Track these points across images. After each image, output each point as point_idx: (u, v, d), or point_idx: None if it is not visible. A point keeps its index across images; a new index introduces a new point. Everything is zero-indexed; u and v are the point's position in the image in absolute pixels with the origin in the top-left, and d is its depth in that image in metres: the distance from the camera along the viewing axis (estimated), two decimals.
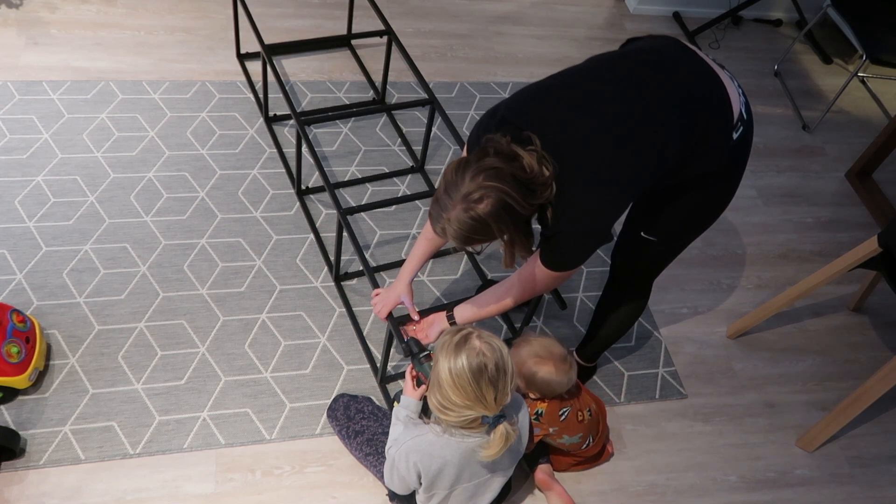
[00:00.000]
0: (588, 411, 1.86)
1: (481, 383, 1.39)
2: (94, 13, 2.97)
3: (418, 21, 3.30)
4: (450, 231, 1.39)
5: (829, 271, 2.09)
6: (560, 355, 1.73)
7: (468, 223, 1.36)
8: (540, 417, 1.79)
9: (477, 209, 1.35)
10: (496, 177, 1.34)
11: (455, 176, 1.37)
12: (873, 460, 2.19)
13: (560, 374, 1.72)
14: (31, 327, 1.93)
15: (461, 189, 1.36)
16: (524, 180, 1.36)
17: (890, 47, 2.96)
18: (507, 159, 1.36)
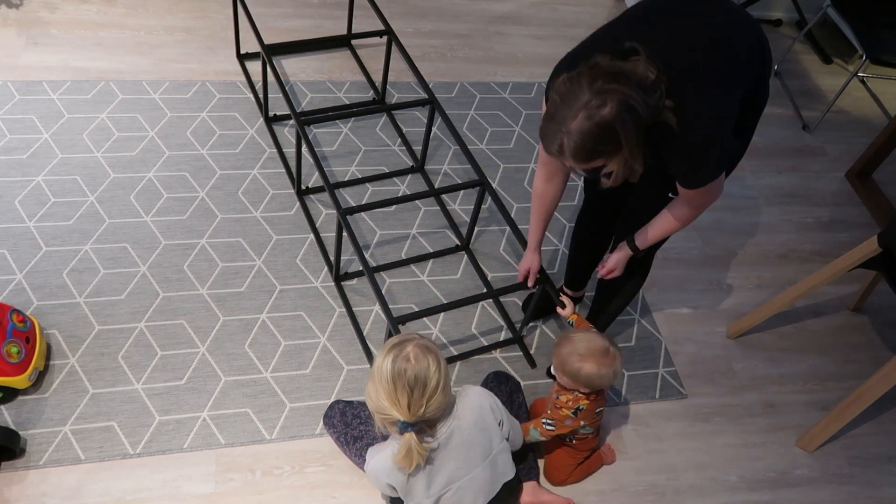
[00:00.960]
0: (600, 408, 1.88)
1: (397, 385, 1.47)
2: (94, 13, 2.97)
3: (418, 21, 3.30)
4: (570, 146, 1.35)
5: (829, 271, 2.09)
6: (601, 350, 1.72)
7: (593, 131, 1.32)
8: (579, 412, 1.79)
9: (601, 113, 1.31)
10: (615, 79, 1.31)
11: (571, 86, 1.34)
12: (873, 460, 2.19)
13: (604, 368, 1.71)
14: (31, 327, 1.93)
15: (580, 97, 1.32)
16: (638, 80, 1.34)
17: (890, 47, 2.96)
18: (617, 65, 1.34)
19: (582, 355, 1.72)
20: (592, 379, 1.73)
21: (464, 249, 2.45)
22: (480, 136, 2.84)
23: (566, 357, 1.74)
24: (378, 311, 2.25)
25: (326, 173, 2.22)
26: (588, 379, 1.73)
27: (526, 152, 2.82)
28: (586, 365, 1.71)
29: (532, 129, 2.91)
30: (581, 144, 1.34)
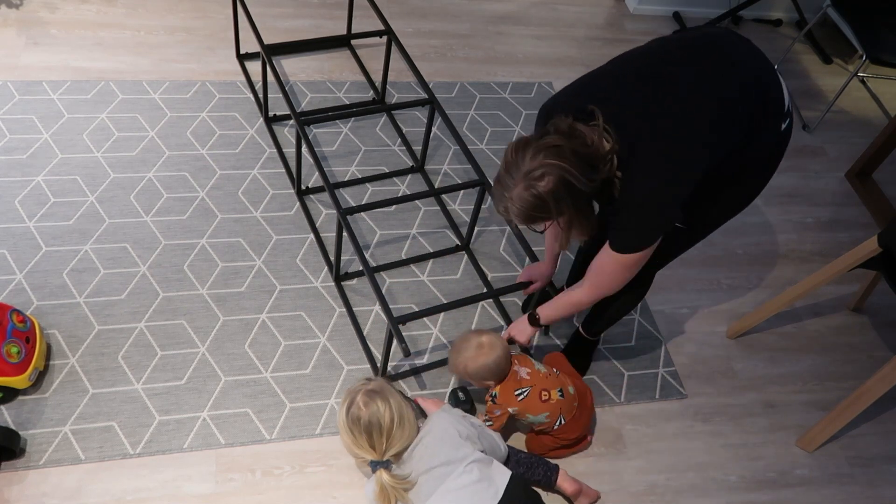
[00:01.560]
0: (559, 391, 1.89)
1: (355, 432, 1.69)
2: (94, 13, 2.97)
3: (418, 21, 3.30)
4: (512, 210, 1.44)
5: (829, 271, 2.09)
6: (475, 346, 1.85)
7: (530, 201, 1.40)
8: (495, 399, 1.88)
9: (538, 187, 1.38)
10: (556, 154, 1.37)
11: (515, 156, 1.41)
12: (873, 460, 2.19)
13: (482, 359, 1.84)
14: (31, 327, 1.93)
15: (522, 168, 1.39)
16: (585, 156, 1.38)
17: (890, 47, 2.96)
18: (567, 136, 1.38)
19: (461, 358, 1.87)
20: (480, 372, 1.86)
21: (464, 249, 2.45)
22: (480, 136, 2.84)
23: (453, 362, 1.91)
24: (378, 311, 2.25)
25: (326, 173, 2.22)
26: (477, 373, 1.86)
27: None
28: (467, 363, 1.86)
29: (532, 130, 2.91)
30: (521, 211, 1.43)
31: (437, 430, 1.74)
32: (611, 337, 2.32)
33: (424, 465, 1.69)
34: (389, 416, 1.68)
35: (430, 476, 1.68)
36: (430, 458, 1.69)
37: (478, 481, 1.68)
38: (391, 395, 1.73)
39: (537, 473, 1.87)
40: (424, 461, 1.69)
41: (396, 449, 1.70)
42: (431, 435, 1.73)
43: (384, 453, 1.68)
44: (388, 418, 1.68)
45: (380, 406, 1.69)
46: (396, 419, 1.69)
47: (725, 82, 1.44)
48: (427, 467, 1.68)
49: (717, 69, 1.45)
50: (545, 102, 1.57)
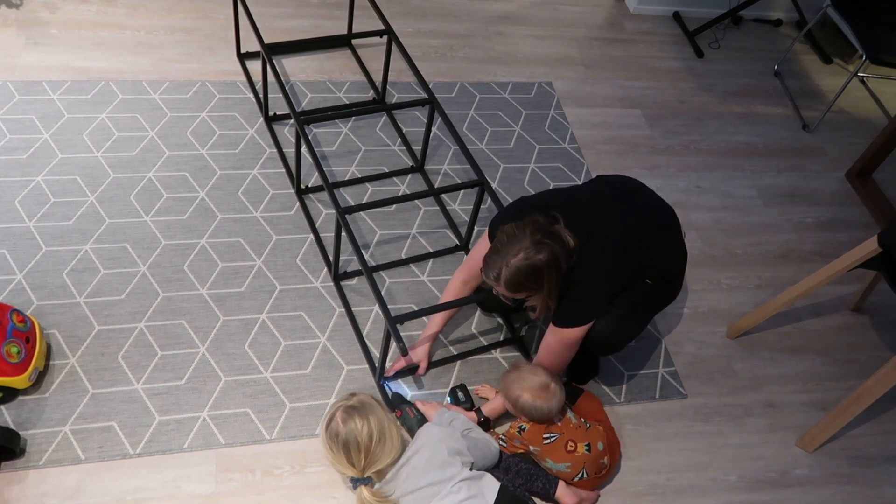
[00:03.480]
0: (586, 446, 1.86)
1: (333, 448, 1.71)
2: (94, 13, 2.97)
3: (418, 21, 3.30)
4: (505, 275, 1.67)
5: (829, 271, 2.09)
6: (540, 385, 1.84)
7: (525, 270, 1.65)
8: (523, 432, 1.86)
9: (536, 257, 1.65)
10: (550, 237, 1.68)
11: (517, 232, 1.68)
12: (873, 460, 2.19)
13: (539, 402, 1.83)
14: (31, 327, 1.93)
15: (522, 242, 1.66)
16: (563, 242, 1.69)
17: (890, 47, 2.96)
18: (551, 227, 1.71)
19: (523, 386, 1.85)
20: (528, 409, 1.84)
21: (463, 249, 2.45)
22: (480, 136, 2.85)
23: (510, 384, 1.87)
24: (378, 310, 2.25)
25: (326, 173, 2.22)
26: (524, 408, 1.84)
27: (526, 152, 2.82)
28: (524, 395, 1.84)
29: (532, 130, 2.91)
30: (514, 277, 1.67)
31: (424, 450, 1.73)
32: None
33: (411, 486, 1.68)
34: (367, 434, 1.68)
35: (416, 496, 1.67)
36: (417, 479, 1.68)
37: (465, 499, 1.67)
38: (372, 412, 1.72)
39: (536, 485, 1.85)
40: (411, 481, 1.69)
41: (377, 466, 1.70)
42: (419, 455, 1.72)
43: (363, 470, 1.69)
44: (367, 435, 1.68)
45: (357, 423, 1.69)
46: (376, 437, 1.69)
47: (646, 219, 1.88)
48: (414, 487, 1.68)
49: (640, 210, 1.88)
50: (514, 202, 1.92)
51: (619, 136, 2.99)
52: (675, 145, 3.03)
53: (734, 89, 3.36)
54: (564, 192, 1.91)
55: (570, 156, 2.85)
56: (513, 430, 1.89)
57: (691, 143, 3.06)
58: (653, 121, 3.11)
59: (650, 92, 3.24)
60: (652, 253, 1.87)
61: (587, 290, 1.80)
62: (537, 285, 1.70)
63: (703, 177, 2.93)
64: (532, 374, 1.86)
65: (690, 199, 2.83)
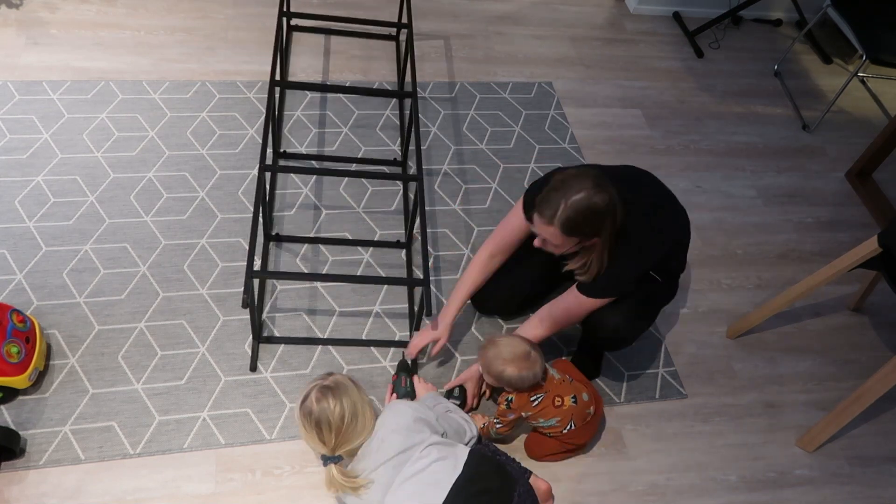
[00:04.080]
0: (573, 398, 1.88)
1: (306, 425, 1.71)
2: (94, 13, 2.97)
3: (418, 21, 3.30)
4: (561, 215, 1.62)
5: (829, 271, 2.09)
6: (522, 354, 1.83)
7: (584, 209, 1.61)
8: (510, 404, 1.87)
9: (598, 198, 1.61)
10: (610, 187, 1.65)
11: (578, 174, 1.64)
12: (873, 460, 2.19)
13: (524, 371, 1.83)
14: (31, 327, 1.93)
15: (586, 182, 1.62)
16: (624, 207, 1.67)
17: (890, 47, 2.96)
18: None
19: (505, 359, 1.83)
20: (514, 381, 1.84)
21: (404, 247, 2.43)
22: (480, 136, 2.85)
23: (491, 360, 1.86)
24: (378, 310, 2.25)
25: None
26: (510, 381, 1.85)
27: (526, 152, 2.82)
28: (508, 368, 1.83)
29: (532, 130, 2.91)
30: (573, 217, 1.62)
31: (390, 421, 1.73)
32: None
33: (381, 458, 1.67)
34: (339, 414, 1.68)
35: (387, 467, 1.66)
36: (387, 450, 1.68)
37: (436, 460, 1.66)
38: (346, 393, 1.72)
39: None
40: (381, 453, 1.68)
41: (348, 446, 1.70)
42: (385, 427, 1.72)
43: (334, 449, 1.69)
44: (339, 416, 1.68)
45: (331, 403, 1.69)
46: (348, 417, 1.69)
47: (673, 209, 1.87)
48: (384, 459, 1.67)
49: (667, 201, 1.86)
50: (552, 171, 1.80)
51: (619, 136, 2.99)
52: (675, 145, 3.03)
53: (734, 89, 3.36)
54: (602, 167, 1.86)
55: (570, 156, 2.85)
56: (501, 407, 1.88)
57: (691, 143, 3.06)
58: (653, 121, 3.11)
59: (650, 92, 3.24)
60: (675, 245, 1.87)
61: (625, 264, 1.77)
62: (593, 231, 1.66)
63: (703, 177, 2.93)
64: (511, 347, 1.84)
65: (690, 199, 2.83)
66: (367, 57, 3.04)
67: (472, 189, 2.64)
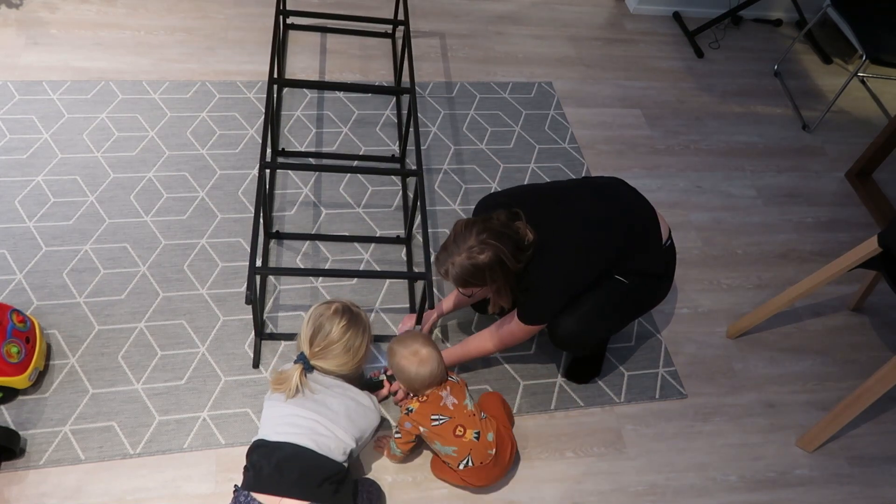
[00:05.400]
0: (475, 433, 1.81)
1: (310, 322, 1.77)
2: (94, 13, 2.97)
3: (418, 21, 3.30)
4: (452, 272, 1.73)
5: (829, 271, 2.09)
6: (411, 349, 1.84)
7: (468, 268, 1.70)
8: (410, 412, 1.83)
9: (478, 259, 1.69)
10: (496, 237, 1.70)
11: (464, 231, 1.73)
12: (873, 460, 2.19)
13: (410, 364, 1.82)
14: (31, 327, 1.93)
15: (468, 242, 1.71)
16: (517, 241, 1.73)
17: (890, 47, 2.96)
18: (505, 225, 1.74)
19: (399, 346, 1.86)
20: (400, 369, 1.84)
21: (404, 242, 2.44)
22: (480, 136, 2.85)
23: (391, 346, 1.89)
24: (377, 308, 2.25)
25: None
26: (397, 368, 1.85)
27: (526, 152, 2.82)
28: (396, 356, 1.86)
29: (532, 130, 2.92)
30: (459, 274, 1.73)
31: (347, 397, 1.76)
32: (611, 337, 2.32)
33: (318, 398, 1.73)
34: (338, 335, 1.74)
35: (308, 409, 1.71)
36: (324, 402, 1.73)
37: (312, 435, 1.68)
38: (357, 327, 1.78)
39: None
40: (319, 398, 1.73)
41: (323, 364, 1.75)
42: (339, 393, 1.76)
43: (312, 356, 1.74)
44: (336, 335, 1.74)
45: (339, 323, 1.75)
46: (343, 344, 1.74)
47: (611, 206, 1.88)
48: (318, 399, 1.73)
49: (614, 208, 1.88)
50: (484, 198, 1.92)
51: (619, 136, 3.00)
52: (675, 145, 3.03)
53: (734, 89, 3.36)
54: (536, 189, 1.92)
55: (570, 156, 2.85)
56: (402, 413, 1.85)
57: (691, 143, 3.06)
58: (653, 121, 3.11)
59: (650, 92, 3.24)
60: (623, 253, 1.86)
61: (545, 289, 1.82)
62: (482, 283, 1.75)
63: (703, 177, 2.93)
64: (410, 340, 1.87)
65: (690, 199, 2.83)
66: (367, 56, 3.04)
67: (471, 189, 2.65)
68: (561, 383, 2.18)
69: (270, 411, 1.73)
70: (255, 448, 1.69)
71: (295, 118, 2.74)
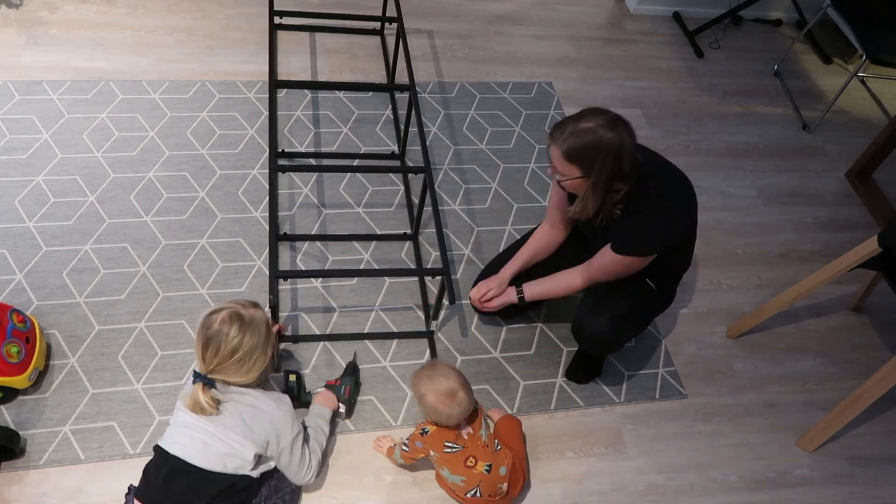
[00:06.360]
0: (487, 466, 1.78)
1: (199, 334, 1.62)
2: (94, 13, 2.97)
3: (418, 21, 3.30)
4: (569, 140, 1.66)
5: (829, 271, 2.09)
6: (447, 390, 1.76)
7: (588, 140, 1.64)
8: (425, 435, 1.80)
9: (603, 132, 1.64)
10: (627, 128, 1.68)
11: (597, 110, 1.69)
12: (873, 460, 2.19)
13: (442, 406, 1.75)
14: (31, 327, 1.93)
15: (599, 117, 1.66)
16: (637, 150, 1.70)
17: (890, 47, 2.96)
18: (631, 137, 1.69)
19: (430, 387, 1.77)
20: (429, 409, 1.78)
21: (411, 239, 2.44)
22: (480, 136, 2.85)
23: (420, 380, 1.80)
24: (378, 309, 2.25)
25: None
26: (426, 406, 1.78)
27: (526, 152, 2.82)
28: (429, 395, 1.77)
29: (532, 130, 2.91)
30: (574, 144, 1.65)
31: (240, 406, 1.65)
32: None
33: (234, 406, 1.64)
34: (233, 347, 1.59)
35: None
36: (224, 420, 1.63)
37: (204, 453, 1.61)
38: (253, 332, 1.62)
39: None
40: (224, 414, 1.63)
41: (222, 378, 1.63)
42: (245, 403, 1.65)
43: (207, 371, 1.61)
44: (231, 348, 1.59)
45: (232, 332, 1.60)
46: (238, 355, 1.60)
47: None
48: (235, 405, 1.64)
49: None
50: None
51: None
52: (675, 145, 3.03)
53: (734, 89, 3.36)
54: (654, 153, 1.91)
55: None
56: (417, 431, 1.82)
57: (691, 143, 3.06)
58: (653, 121, 3.11)
59: (650, 92, 3.24)
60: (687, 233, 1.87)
61: (650, 216, 1.76)
62: (590, 164, 1.66)
63: (703, 177, 2.93)
64: (444, 378, 1.77)
65: None
66: (366, 56, 3.04)
67: (472, 189, 2.65)
68: (561, 383, 2.18)
69: (174, 415, 1.68)
70: (154, 450, 1.67)
71: (295, 118, 2.74)
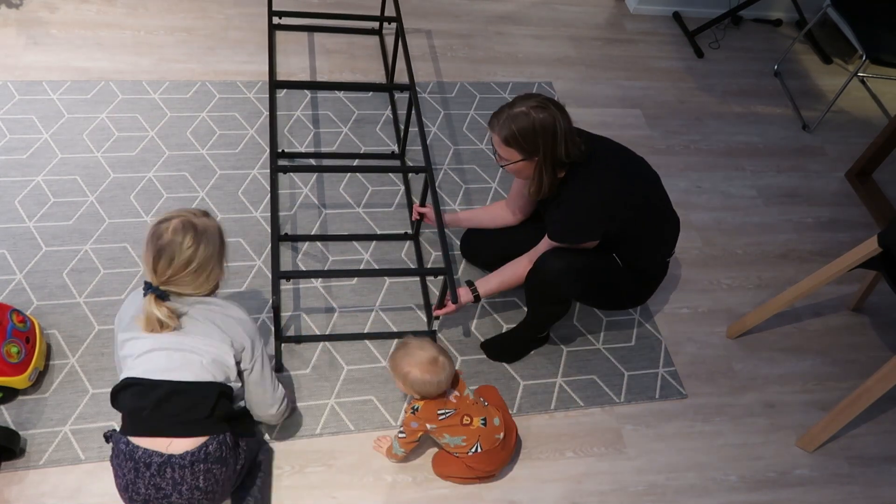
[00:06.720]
0: (482, 420, 1.83)
1: (149, 244, 1.51)
2: (94, 13, 2.97)
3: (418, 21, 3.30)
4: (505, 125, 1.75)
5: (829, 271, 2.09)
6: (428, 359, 1.78)
7: (522, 122, 1.73)
8: (416, 412, 1.81)
9: (534, 115, 1.73)
10: (558, 108, 1.76)
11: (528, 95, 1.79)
12: (873, 460, 2.19)
13: (428, 375, 1.77)
14: (31, 327, 1.93)
15: (530, 101, 1.75)
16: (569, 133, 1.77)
17: (890, 47, 2.96)
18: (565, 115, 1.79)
19: (411, 362, 1.78)
20: (418, 385, 1.78)
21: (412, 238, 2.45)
22: (480, 137, 2.85)
23: (399, 360, 1.81)
24: (378, 309, 2.25)
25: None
26: (414, 384, 1.79)
27: None
28: (413, 370, 1.77)
29: None
30: (511, 127, 1.75)
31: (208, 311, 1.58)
32: (611, 337, 2.32)
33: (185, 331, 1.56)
34: (187, 258, 1.50)
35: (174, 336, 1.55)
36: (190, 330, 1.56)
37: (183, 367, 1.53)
38: (207, 241, 1.53)
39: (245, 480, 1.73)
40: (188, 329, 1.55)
41: (175, 290, 1.54)
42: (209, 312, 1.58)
43: (160, 283, 1.52)
44: (185, 258, 1.50)
45: (186, 242, 1.50)
46: (193, 265, 1.51)
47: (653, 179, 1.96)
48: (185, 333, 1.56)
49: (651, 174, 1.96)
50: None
51: (619, 136, 2.99)
52: (675, 145, 3.03)
53: (734, 89, 3.36)
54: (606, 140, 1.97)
55: None
56: (408, 413, 1.82)
57: (691, 143, 3.06)
58: (653, 121, 3.11)
59: (650, 92, 3.24)
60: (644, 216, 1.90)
61: (580, 203, 1.84)
62: (528, 145, 1.76)
63: (703, 177, 2.93)
64: (420, 350, 1.79)
65: (690, 199, 2.83)
66: (366, 56, 3.04)
67: (472, 189, 2.65)
68: (561, 383, 2.19)
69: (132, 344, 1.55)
70: (124, 388, 1.53)
71: (294, 118, 2.74)
